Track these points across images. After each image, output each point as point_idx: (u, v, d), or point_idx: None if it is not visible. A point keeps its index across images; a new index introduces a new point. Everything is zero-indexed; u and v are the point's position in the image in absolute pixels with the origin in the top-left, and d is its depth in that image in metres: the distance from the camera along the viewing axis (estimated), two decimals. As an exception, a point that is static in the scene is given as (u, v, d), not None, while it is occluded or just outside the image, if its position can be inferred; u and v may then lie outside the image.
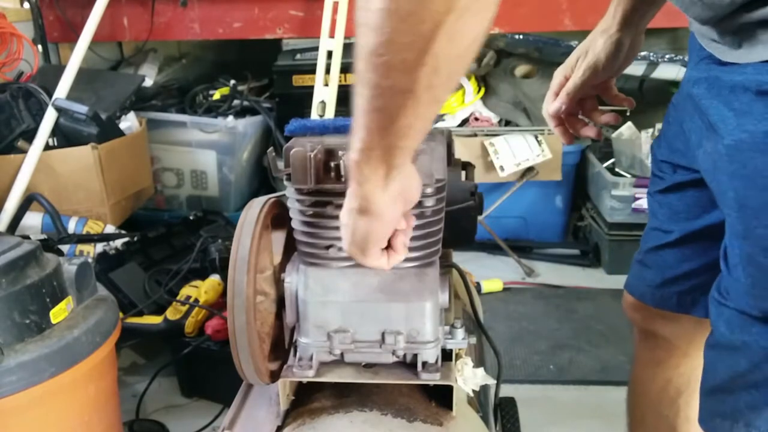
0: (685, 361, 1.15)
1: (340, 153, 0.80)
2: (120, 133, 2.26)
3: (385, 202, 0.66)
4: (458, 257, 1.14)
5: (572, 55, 1.00)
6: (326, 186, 0.80)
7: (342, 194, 0.82)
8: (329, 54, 2.32)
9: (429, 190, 0.80)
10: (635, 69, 2.59)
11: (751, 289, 0.75)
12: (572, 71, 0.99)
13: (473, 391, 0.89)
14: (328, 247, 0.83)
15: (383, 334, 0.84)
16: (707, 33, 0.79)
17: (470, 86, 2.70)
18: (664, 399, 1.19)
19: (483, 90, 2.76)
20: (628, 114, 2.64)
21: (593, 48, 0.97)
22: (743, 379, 0.79)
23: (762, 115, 0.68)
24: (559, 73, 1.01)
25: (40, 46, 2.55)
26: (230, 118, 2.61)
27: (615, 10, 0.96)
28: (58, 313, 1.14)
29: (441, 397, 0.86)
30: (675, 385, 1.17)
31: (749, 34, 0.70)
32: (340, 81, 2.35)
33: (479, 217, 1.08)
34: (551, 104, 1.02)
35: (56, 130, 2.11)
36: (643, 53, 2.57)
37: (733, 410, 0.81)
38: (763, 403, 0.78)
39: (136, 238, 2.03)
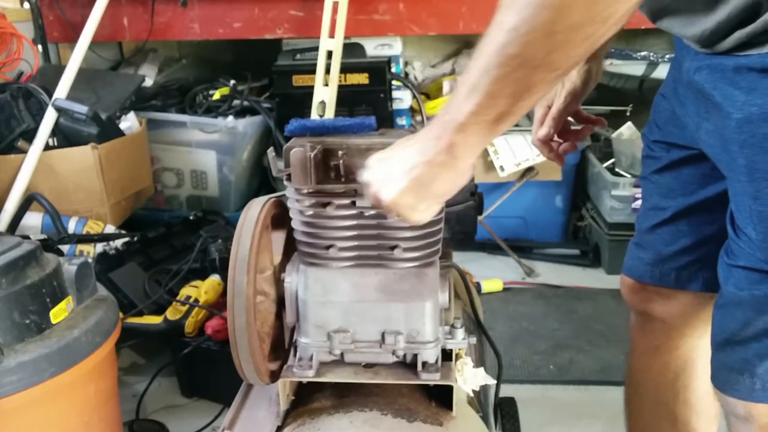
0: (682, 342, 1.18)
1: (340, 153, 0.80)
2: (120, 133, 2.26)
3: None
4: (458, 257, 1.14)
5: None
6: (326, 186, 0.80)
7: (342, 194, 0.82)
8: (329, 54, 2.31)
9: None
10: (635, 69, 2.58)
11: (763, 243, 0.82)
12: (552, 101, 1.11)
13: (473, 391, 0.89)
14: (328, 247, 0.83)
15: (383, 334, 0.84)
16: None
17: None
18: (662, 384, 1.21)
19: (483, 90, 2.75)
20: (628, 114, 2.64)
21: (569, 78, 1.10)
22: (753, 328, 0.85)
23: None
24: (541, 105, 1.13)
25: (40, 46, 2.55)
26: (230, 118, 2.60)
27: None
28: (58, 313, 1.14)
29: (441, 397, 0.86)
30: (672, 368, 1.19)
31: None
32: (339, 81, 2.35)
33: (479, 217, 1.09)
34: (540, 131, 1.12)
35: (56, 130, 2.10)
36: (643, 53, 2.57)
37: (742, 361, 0.86)
38: None
39: (136, 238, 2.03)
